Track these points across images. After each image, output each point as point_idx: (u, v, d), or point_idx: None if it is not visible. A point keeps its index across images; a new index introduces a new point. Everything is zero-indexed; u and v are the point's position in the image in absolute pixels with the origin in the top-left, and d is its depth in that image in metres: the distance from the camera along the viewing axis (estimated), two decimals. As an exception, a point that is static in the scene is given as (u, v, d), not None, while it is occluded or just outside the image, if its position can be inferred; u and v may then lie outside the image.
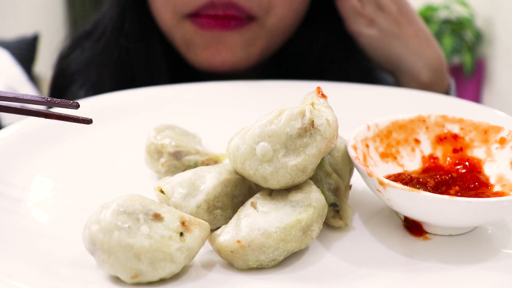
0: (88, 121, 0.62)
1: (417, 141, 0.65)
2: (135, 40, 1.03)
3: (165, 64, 1.05)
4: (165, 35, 1.01)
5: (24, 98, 0.61)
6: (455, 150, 0.64)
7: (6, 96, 0.62)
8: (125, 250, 0.46)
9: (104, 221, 0.47)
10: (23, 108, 0.64)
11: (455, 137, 0.64)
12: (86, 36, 1.11)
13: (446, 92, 1.01)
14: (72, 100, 0.61)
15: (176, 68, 1.07)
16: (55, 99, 0.61)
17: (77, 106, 0.60)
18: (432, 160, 0.64)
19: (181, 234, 0.49)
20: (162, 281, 0.48)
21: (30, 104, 0.62)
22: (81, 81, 1.07)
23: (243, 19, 0.93)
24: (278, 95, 0.90)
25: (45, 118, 0.64)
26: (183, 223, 0.50)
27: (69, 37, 1.18)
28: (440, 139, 0.65)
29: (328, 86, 0.81)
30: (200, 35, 0.95)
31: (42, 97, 0.61)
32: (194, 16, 0.93)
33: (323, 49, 1.06)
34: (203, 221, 0.52)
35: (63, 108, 0.61)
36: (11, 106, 0.64)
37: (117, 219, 0.47)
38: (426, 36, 0.98)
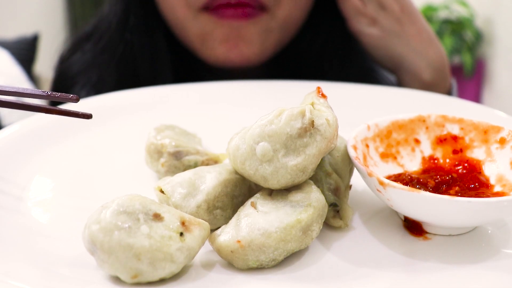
0: (88, 116, 0.63)
1: (417, 141, 0.65)
2: (139, 35, 1.03)
3: (169, 58, 1.05)
4: (176, 32, 1.01)
5: (24, 92, 0.61)
6: (455, 152, 0.64)
7: (6, 90, 0.62)
8: (125, 250, 0.46)
9: (104, 221, 0.47)
10: (23, 103, 0.64)
11: (454, 138, 0.64)
12: (86, 38, 1.12)
13: (448, 92, 1.01)
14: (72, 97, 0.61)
15: (180, 63, 1.07)
16: (55, 93, 0.61)
17: (76, 100, 0.60)
18: (432, 161, 0.64)
19: (181, 234, 0.49)
20: (162, 281, 0.48)
21: (30, 99, 0.63)
22: (82, 82, 1.07)
23: (255, 7, 0.94)
24: (278, 95, 0.90)
25: (46, 113, 0.64)
26: (183, 223, 0.50)
27: (70, 39, 1.18)
28: (440, 141, 0.65)
29: (328, 86, 0.81)
30: (220, 26, 0.95)
31: (43, 91, 0.62)
32: (209, 9, 0.94)
33: (324, 48, 1.06)
34: (203, 221, 0.52)
35: (64, 103, 0.62)
36: (11, 101, 0.64)
37: (117, 219, 0.47)
38: (428, 35, 0.98)
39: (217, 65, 1.00)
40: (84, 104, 0.85)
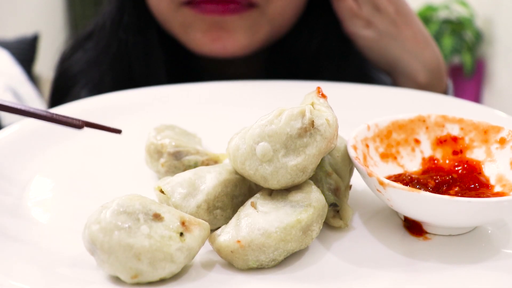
0: (118, 131, 0.66)
1: (417, 141, 0.65)
2: (133, 33, 1.03)
3: (163, 56, 1.05)
4: (162, 25, 1.01)
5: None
6: (455, 152, 0.64)
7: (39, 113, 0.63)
8: (125, 250, 0.46)
9: (104, 221, 0.47)
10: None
11: (454, 139, 0.64)
12: (87, 37, 1.12)
13: (444, 93, 1.01)
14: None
15: (174, 61, 1.07)
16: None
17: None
18: (432, 161, 0.64)
19: (181, 234, 0.49)
20: (162, 281, 0.48)
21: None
22: (83, 82, 1.08)
23: (242, 5, 0.93)
24: (278, 95, 0.90)
25: (78, 128, 0.64)
26: (183, 223, 0.50)
27: (71, 38, 1.19)
28: (440, 142, 0.65)
29: (328, 86, 0.81)
30: (201, 20, 0.94)
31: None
32: (192, 3, 0.94)
33: (319, 49, 1.06)
34: (203, 221, 0.52)
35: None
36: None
37: (117, 219, 0.47)
38: (424, 37, 0.98)
39: (203, 55, 0.99)
40: (84, 104, 0.85)
